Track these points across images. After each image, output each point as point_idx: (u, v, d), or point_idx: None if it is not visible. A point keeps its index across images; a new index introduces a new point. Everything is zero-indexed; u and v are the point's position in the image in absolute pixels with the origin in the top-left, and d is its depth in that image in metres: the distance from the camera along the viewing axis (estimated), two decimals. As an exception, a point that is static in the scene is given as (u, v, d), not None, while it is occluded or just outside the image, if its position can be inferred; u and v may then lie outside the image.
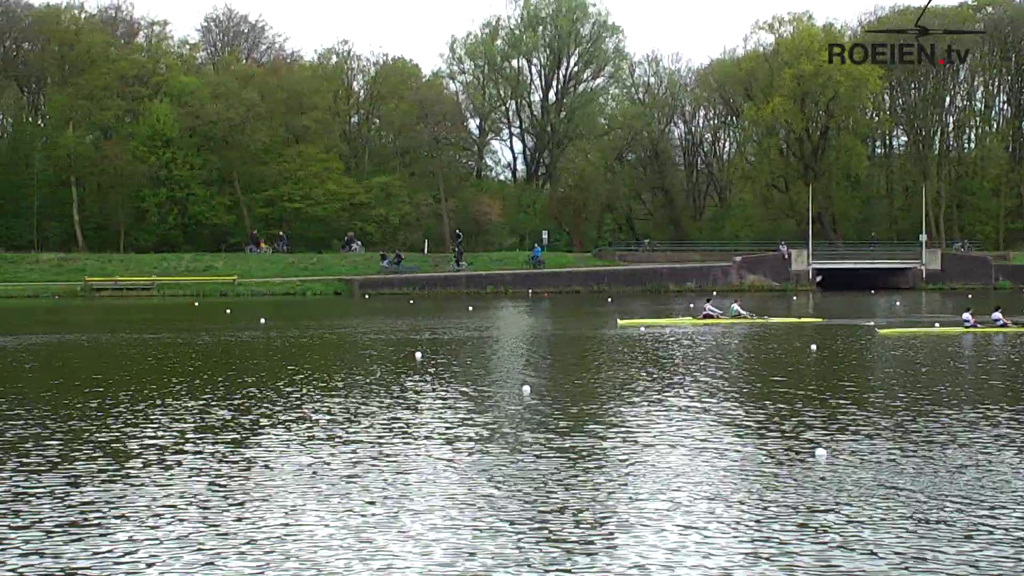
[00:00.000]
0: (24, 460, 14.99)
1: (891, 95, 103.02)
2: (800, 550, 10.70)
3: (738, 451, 15.65)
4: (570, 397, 21.47)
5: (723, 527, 11.54)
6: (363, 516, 12.03)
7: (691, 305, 56.90)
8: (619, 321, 42.56)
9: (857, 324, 42.90)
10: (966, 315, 38.99)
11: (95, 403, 20.48)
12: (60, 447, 15.96)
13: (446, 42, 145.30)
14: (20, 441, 16.42)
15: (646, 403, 20.43)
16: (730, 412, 19.41)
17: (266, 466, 14.66)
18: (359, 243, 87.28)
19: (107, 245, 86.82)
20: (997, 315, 38.76)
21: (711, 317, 42.90)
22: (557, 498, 12.72)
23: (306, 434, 17.08)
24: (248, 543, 11.02)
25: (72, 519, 11.92)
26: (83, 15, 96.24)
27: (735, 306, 44.33)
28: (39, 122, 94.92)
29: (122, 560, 10.48)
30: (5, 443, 16.29)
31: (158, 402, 20.64)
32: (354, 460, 14.99)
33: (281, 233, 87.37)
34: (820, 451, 15.20)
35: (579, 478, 13.79)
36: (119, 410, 19.55)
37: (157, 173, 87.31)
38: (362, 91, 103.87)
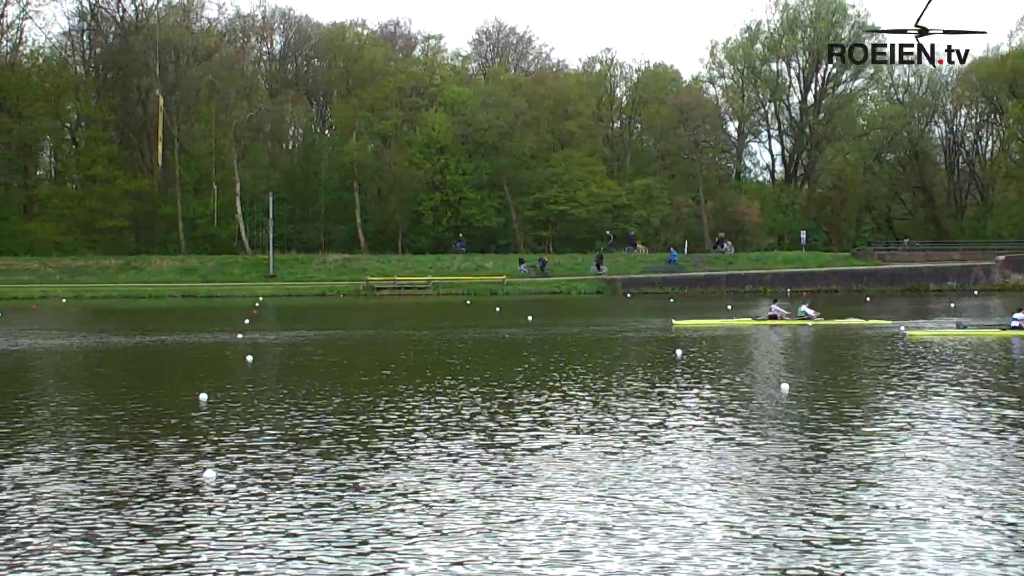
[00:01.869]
0: (302, 445, 16.30)
1: None
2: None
3: (1000, 453, 15.56)
4: (828, 396, 21.53)
5: (987, 531, 11.49)
6: (621, 508, 12.41)
7: (952, 305, 56.91)
8: (674, 322, 42.87)
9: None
10: (1018, 315, 36.72)
11: (375, 394, 22.04)
12: (338, 433, 17.31)
13: (706, 47, 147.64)
14: (302, 429, 17.82)
15: (905, 406, 20.33)
16: (992, 415, 19.14)
17: (527, 457, 15.41)
18: (730, 243, 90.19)
19: (386, 246, 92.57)
20: (1021, 315, 36.48)
21: (775, 318, 42.96)
22: (814, 499, 12.85)
23: (568, 426, 17.92)
24: (506, 531, 11.59)
25: (339, 499, 12.93)
26: (365, 32, 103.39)
27: (804, 308, 44.60)
28: (326, 132, 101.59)
29: (393, 539, 11.32)
30: (292, 430, 17.73)
31: (436, 391, 22.44)
32: (614, 453, 15.53)
33: (543, 234, 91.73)
34: None
35: (838, 478, 13.89)
36: (400, 399, 21.11)
37: (432, 178, 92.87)
38: (624, 97, 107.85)
